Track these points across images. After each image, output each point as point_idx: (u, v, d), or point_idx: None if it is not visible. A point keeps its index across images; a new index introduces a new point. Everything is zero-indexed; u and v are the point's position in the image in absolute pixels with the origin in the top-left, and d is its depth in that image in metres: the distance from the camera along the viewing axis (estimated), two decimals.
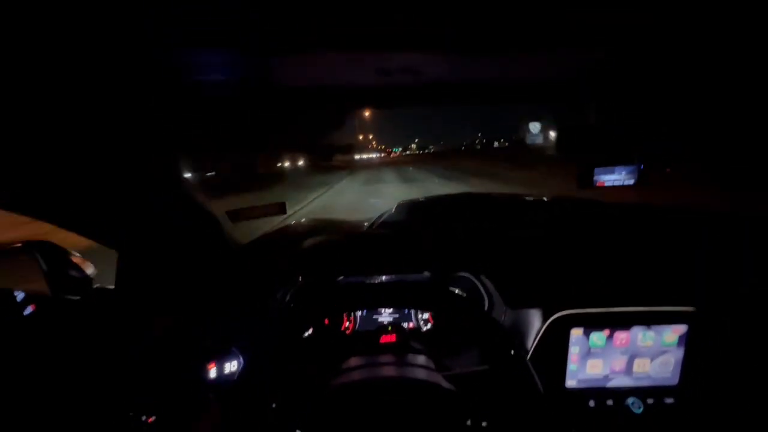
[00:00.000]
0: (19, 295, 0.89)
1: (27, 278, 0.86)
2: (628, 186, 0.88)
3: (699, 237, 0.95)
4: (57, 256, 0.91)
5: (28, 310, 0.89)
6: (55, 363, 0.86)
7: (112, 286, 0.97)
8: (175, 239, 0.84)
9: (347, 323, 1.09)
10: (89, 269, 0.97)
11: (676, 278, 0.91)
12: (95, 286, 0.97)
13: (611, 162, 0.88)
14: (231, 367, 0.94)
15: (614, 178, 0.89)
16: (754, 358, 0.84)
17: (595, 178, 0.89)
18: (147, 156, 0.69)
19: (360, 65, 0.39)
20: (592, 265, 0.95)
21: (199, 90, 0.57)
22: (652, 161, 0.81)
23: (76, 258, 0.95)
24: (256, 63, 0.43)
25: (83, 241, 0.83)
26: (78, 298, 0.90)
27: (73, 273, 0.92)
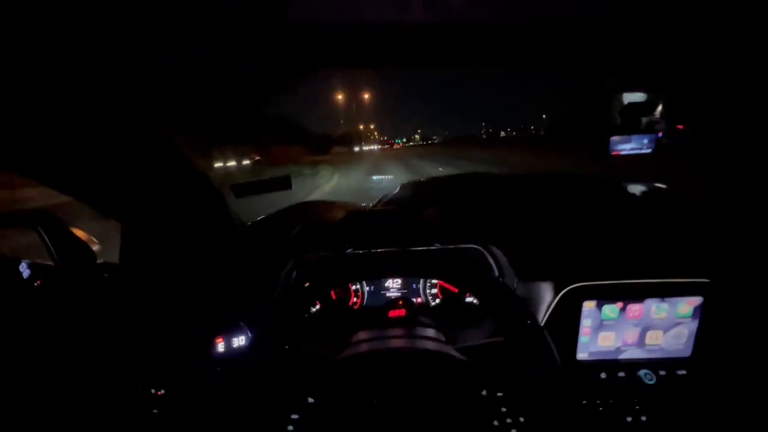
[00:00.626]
0: (25, 269, 0.88)
1: (30, 250, 0.85)
2: (646, 154, 0.86)
3: (715, 208, 0.93)
4: (60, 229, 0.89)
5: (35, 283, 0.88)
6: (64, 337, 0.86)
7: (116, 262, 0.96)
8: (180, 212, 0.82)
9: (354, 298, 1.08)
10: (94, 246, 0.95)
11: (691, 250, 0.89)
12: (99, 261, 0.96)
13: (628, 130, 0.85)
14: (239, 341, 0.94)
15: (631, 146, 0.86)
16: None
17: (612, 147, 0.86)
18: (151, 128, 0.67)
19: None
20: (605, 237, 0.93)
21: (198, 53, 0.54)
22: (680, 126, 0.78)
23: (80, 233, 0.93)
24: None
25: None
26: (83, 271, 0.90)
27: (77, 247, 0.91)
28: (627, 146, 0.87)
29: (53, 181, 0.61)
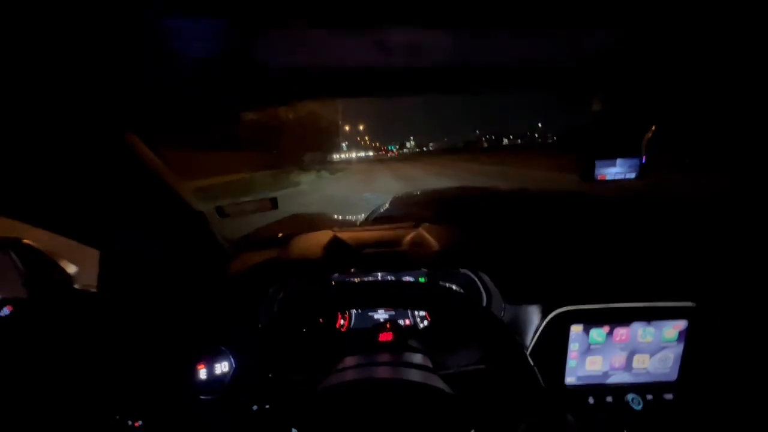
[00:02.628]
0: None
1: (2, 278, 0.81)
2: (630, 180, 0.86)
3: (698, 231, 0.94)
4: (33, 255, 0.86)
5: (5, 311, 0.84)
6: (36, 366, 0.82)
7: (94, 287, 0.92)
8: (160, 236, 0.80)
9: (342, 321, 1.06)
10: (70, 269, 0.92)
11: (676, 273, 0.89)
12: (76, 286, 0.92)
13: (613, 154, 0.86)
14: (222, 368, 0.91)
15: (616, 171, 0.87)
16: (754, 353, 0.84)
17: (597, 171, 0.87)
18: (127, 151, 0.65)
19: (357, 43, 0.35)
20: (592, 260, 0.93)
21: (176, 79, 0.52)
22: (658, 153, 0.78)
23: (56, 257, 0.90)
24: (236, 40, 0.39)
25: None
26: (57, 299, 0.86)
27: (52, 273, 0.88)
28: (612, 170, 0.87)
29: (22, 213, 0.59)
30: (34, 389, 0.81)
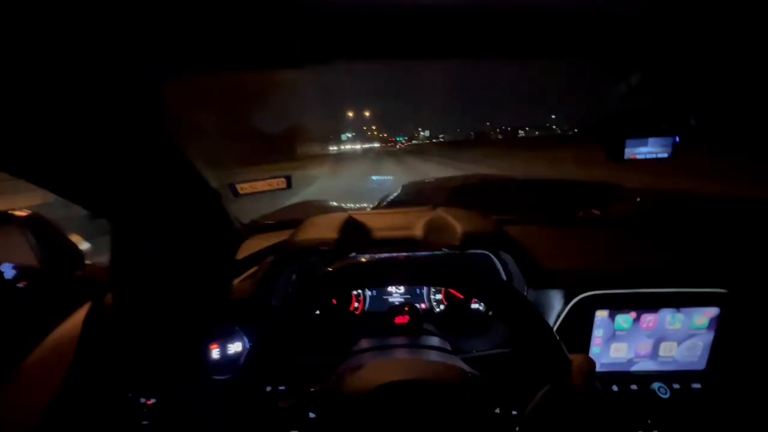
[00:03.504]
0: (9, 271, 0.83)
1: (16, 250, 0.80)
2: (662, 159, 0.82)
3: (732, 218, 0.90)
4: (47, 229, 0.85)
5: (19, 286, 0.83)
6: (49, 342, 0.81)
7: (107, 263, 0.91)
8: (174, 212, 0.78)
9: (356, 303, 1.04)
10: (83, 245, 0.91)
11: (708, 259, 0.85)
12: (87, 261, 0.91)
13: (644, 133, 0.82)
14: (235, 348, 0.90)
15: (647, 150, 0.83)
16: None
17: (627, 150, 0.83)
18: (143, 122, 0.63)
19: None
20: (620, 245, 0.90)
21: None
22: (690, 133, 0.74)
23: (68, 232, 0.89)
24: None
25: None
26: (71, 274, 0.85)
27: (65, 248, 0.86)
28: (644, 150, 0.83)
29: (39, 178, 0.57)
30: (46, 365, 0.80)
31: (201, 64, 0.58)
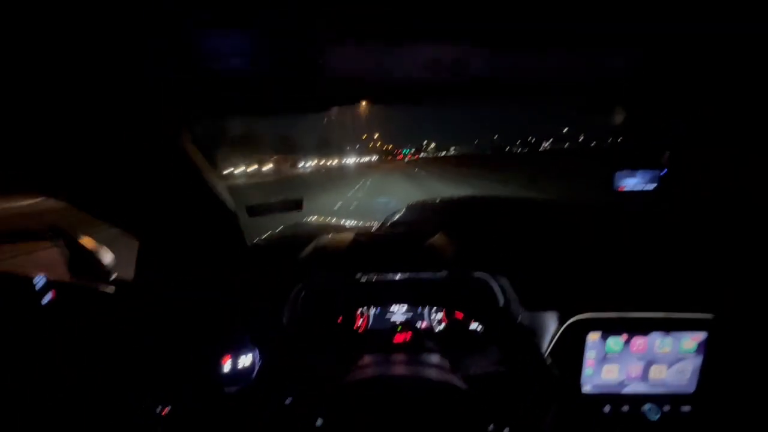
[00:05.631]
0: (39, 282, 0.90)
1: (49, 265, 0.87)
2: (648, 192, 0.88)
3: (720, 243, 0.95)
4: (77, 245, 0.92)
5: (48, 297, 0.90)
6: (72, 351, 0.87)
7: (130, 277, 0.98)
8: (196, 230, 0.85)
9: (360, 321, 1.09)
10: (108, 258, 0.97)
11: (696, 284, 0.90)
12: (113, 276, 0.98)
13: (633, 165, 0.88)
14: (245, 361, 0.95)
15: (635, 182, 0.89)
16: None
17: (616, 182, 0.89)
18: (173, 147, 0.70)
19: (407, 56, 0.39)
20: (611, 269, 0.95)
21: (229, 81, 0.57)
22: (676, 166, 0.80)
23: (96, 246, 0.96)
24: (296, 48, 0.43)
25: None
26: (98, 286, 0.91)
27: (94, 262, 0.93)
28: (632, 181, 0.89)
29: (74, 198, 0.64)
30: (70, 373, 0.86)
31: (218, 112, 0.66)
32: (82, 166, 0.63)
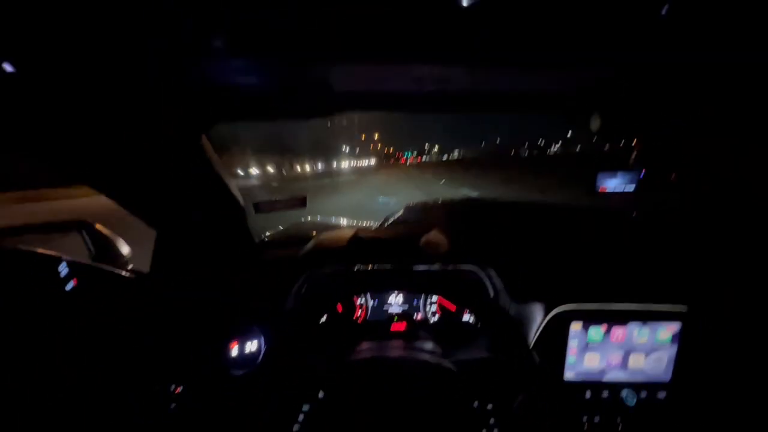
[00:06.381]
0: (64, 270, 0.97)
1: (72, 253, 0.94)
2: (628, 193, 0.94)
3: (692, 236, 1.01)
4: (98, 235, 0.99)
5: (71, 284, 0.97)
6: (93, 334, 0.94)
7: (145, 268, 1.05)
8: (210, 225, 0.92)
9: (359, 312, 1.16)
10: (126, 249, 1.05)
11: (670, 277, 0.96)
12: (130, 266, 1.05)
13: (614, 167, 0.95)
14: (251, 346, 1.02)
15: (615, 183, 0.96)
16: (745, 357, 0.89)
17: (598, 183, 0.96)
18: (199, 150, 0.78)
19: (395, 74, 0.46)
20: (592, 262, 1.01)
21: (237, 98, 0.64)
22: (655, 168, 0.87)
23: (115, 238, 1.03)
24: (295, 70, 0.50)
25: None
26: (116, 275, 0.98)
27: (114, 251, 1.00)
28: (612, 183, 0.96)
29: (105, 188, 0.72)
30: (90, 355, 0.93)
31: (234, 116, 0.73)
32: (111, 157, 0.70)
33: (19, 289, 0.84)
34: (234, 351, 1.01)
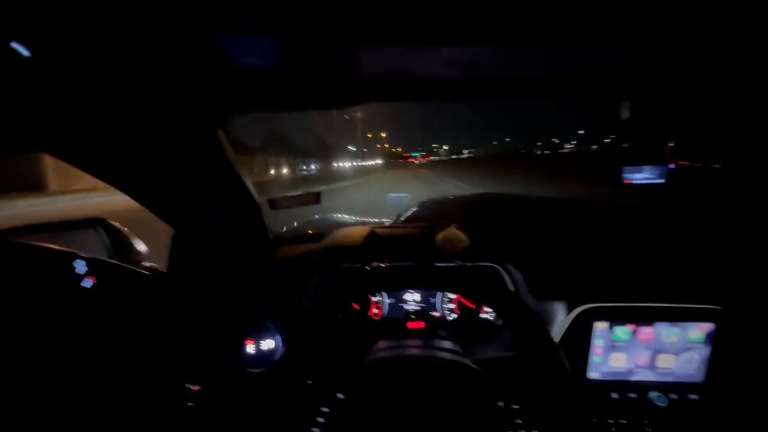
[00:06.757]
0: (81, 267, 0.97)
1: (90, 250, 0.94)
2: (659, 185, 0.90)
3: (727, 235, 0.97)
4: (116, 233, 0.99)
5: (89, 281, 0.97)
6: (110, 331, 0.94)
7: (161, 266, 1.05)
8: (227, 222, 0.91)
9: (375, 310, 1.14)
10: (142, 247, 1.05)
11: (703, 276, 0.92)
12: (146, 264, 1.05)
13: (640, 161, 0.91)
14: (268, 345, 1.01)
15: (643, 176, 0.92)
16: None
17: (624, 175, 0.92)
18: (216, 145, 0.76)
19: (426, 56, 0.44)
20: (619, 260, 0.97)
21: (254, 80, 0.62)
22: (685, 160, 0.83)
23: (131, 236, 1.03)
24: (315, 48, 0.47)
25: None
26: (133, 273, 0.99)
27: (129, 249, 1.01)
28: (639, 176, 0.92)
29: (125, 185, 0.71)
30: (107, 353, 0.93)
31: (249, 107, 0.71)
32: (124, 151, 0.70)
33: (36, 285, 0.84)
34: (250, 349, 1.01)
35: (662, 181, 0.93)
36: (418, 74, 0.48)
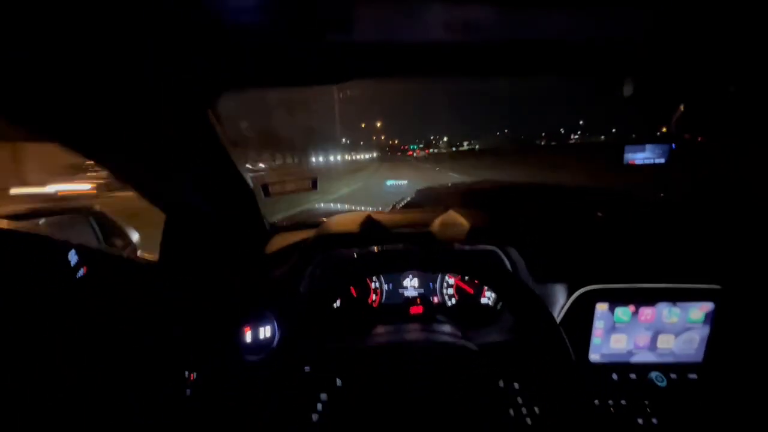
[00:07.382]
0: (73, 258, 0.95)
1: (81, 239, 0.92)
2: (659, 164, 0.89)
3: (727, 215, 0.96)
4: (108, 222, 0.97)
5: (81, 271, 0.95)
6: (106, 323, 0.92)
7: (154, 255, 1.03)
8: (219, 207, 0.89)
9: (373, 296, 1.13)
10: (134, 236, 1.03)
11: (703, 255, 0.91)
12: (139, 253, 1.03)
13: (642, 140, 0.89)
14: (265, 332, 0.99)
15: (645, 156, 0.90)
16: None
17: (626, 156, 0.90)
18: (207, 126, 0.74)
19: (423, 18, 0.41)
20: (618, 242, 0.97)
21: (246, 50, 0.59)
22: (687, 135, 0.81)
23: (123, 224, 1.01)
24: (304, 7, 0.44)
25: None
26: (126, 261, 0.96)
27: (122, 238, 0.98)
28: (641, 155, 0.90)
29: (114, 167, 0.69)
30: (103, 343, 0.92)
31: (241, 84, 0.68)
32: (110, 131, 0.67)
33: (29, 275, 0.82)
34: (247, 337, 0.99)
35: (663, 161, 0.92)
36: (416, 39, 0.45)
